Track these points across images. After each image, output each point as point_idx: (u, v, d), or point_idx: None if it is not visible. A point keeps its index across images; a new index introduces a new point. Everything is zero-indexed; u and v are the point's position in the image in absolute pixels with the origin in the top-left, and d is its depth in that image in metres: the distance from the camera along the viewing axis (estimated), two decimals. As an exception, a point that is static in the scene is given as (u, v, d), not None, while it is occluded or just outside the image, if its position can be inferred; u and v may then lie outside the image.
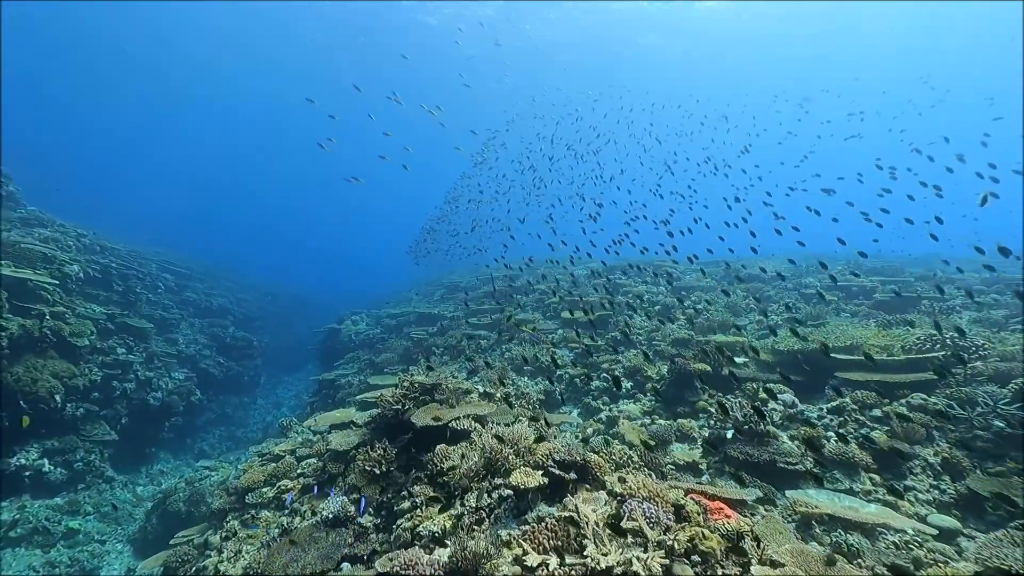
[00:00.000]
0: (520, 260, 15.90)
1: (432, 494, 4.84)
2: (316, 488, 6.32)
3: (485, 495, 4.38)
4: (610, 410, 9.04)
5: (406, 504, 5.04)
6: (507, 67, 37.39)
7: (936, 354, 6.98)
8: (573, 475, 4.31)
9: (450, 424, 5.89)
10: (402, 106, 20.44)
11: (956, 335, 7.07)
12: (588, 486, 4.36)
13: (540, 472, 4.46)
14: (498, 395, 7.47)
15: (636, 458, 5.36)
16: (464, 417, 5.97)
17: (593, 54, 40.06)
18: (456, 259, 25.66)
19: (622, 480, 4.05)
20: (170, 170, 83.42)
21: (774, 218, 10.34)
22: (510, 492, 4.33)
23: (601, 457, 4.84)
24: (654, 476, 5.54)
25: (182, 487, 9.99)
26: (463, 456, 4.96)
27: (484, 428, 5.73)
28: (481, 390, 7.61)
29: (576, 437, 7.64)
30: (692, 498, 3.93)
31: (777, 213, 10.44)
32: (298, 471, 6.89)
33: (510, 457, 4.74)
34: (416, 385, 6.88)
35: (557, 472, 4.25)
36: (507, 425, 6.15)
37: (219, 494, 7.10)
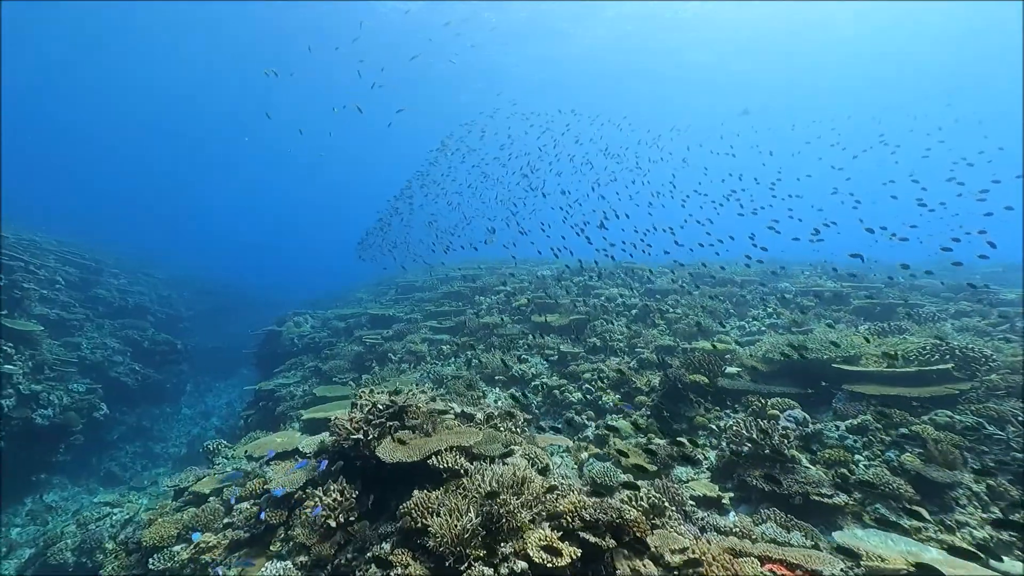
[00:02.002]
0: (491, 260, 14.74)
1: (410, 565, 3.61)
2: (248, 545, 4.87)
3: (489, 570, 3.22)
4: (596, 427, 8.11)
5: (373, 572, 3.78)
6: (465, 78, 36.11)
7: (945, 366, 6.56)
8: (611, 540, 3.25)
9: (430, 461, 4.65)
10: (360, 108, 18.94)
11: (964, 345, 6.70)
12: (627, 552, 3.32)
13: (560, 533, 3.36)
14: (479, 416, 6.29)
15: (667, 503, 4.37)
16: (447, 451, 4.75)
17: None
18: (407, 258, 24.07)
19: (681, 550, 3.04)
20: (94, 156, 74.71)
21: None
22: (525, 566, 3.19)
23: (635, 508, 3.81)
24: (680, 516, 4.61)
25: (71, 531, 7.99)
26: (452, 511, 3.76)
27: (473, 466, 4.55)
28: (457, 409, 6.39)
29: (570, 464, 6.61)
30: (771, 571, 2.99)
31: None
32: (225, 520, 5.37)
33: (518, 511, 3.60)
34: (381, 408, 5.57)
35: (592, 539, 3.17)
36: (500, 459, 5.00)
37: (114, 554, 5.42)
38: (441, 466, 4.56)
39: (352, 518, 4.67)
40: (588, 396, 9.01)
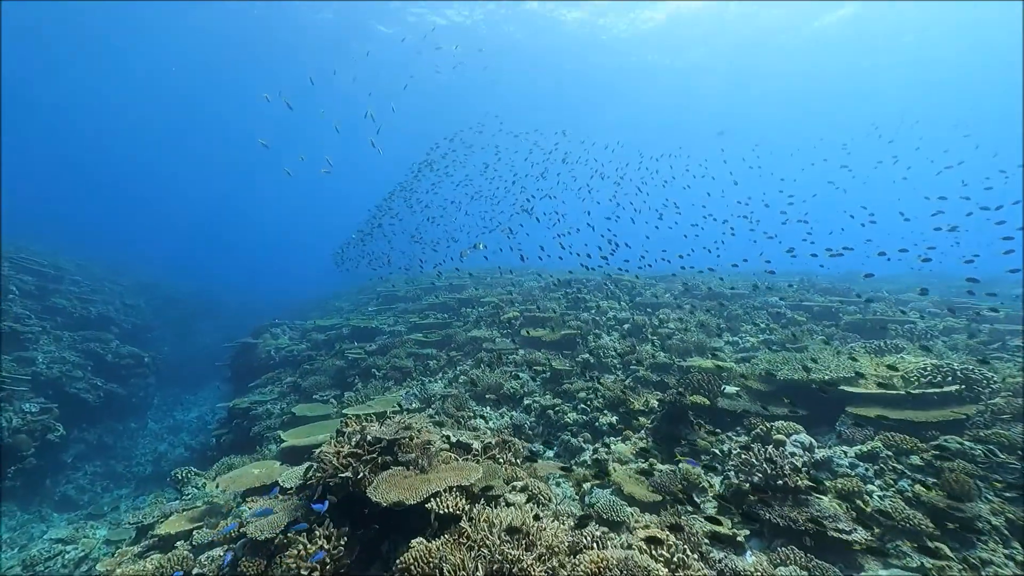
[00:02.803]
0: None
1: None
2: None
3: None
4: (595, 451, 7.78)
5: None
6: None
7: (952, 388, 6.47)
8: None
9: (428, 504, 4.23)
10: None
11: (969, 367, 6.63)
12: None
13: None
14: (476, 445, 5.88)
15: (688, 553, 4.04)
16: (447, 492, 4.34)
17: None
18: (388, 269, 23.49)
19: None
20: (61, 157, 71.47)
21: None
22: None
23: (661, 563, 3.47)
24: (697, 559, 4.30)
25: (16, 574, 7.22)
26: (457, 568, 3.36)
27: (477, 510, 4.15)
28: (453, 438, 5.97)
29: (571, 494, 6.25)
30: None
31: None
32: (195, 572, 4.81)
33: (532, 569, 3.22)
34: (371, 441, 5.12)
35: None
36: (505, 501, 4.62)
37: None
38: (441, 511, 4.14)
39: (341, 571, 4.20)
40: (584, 416, 8.69)
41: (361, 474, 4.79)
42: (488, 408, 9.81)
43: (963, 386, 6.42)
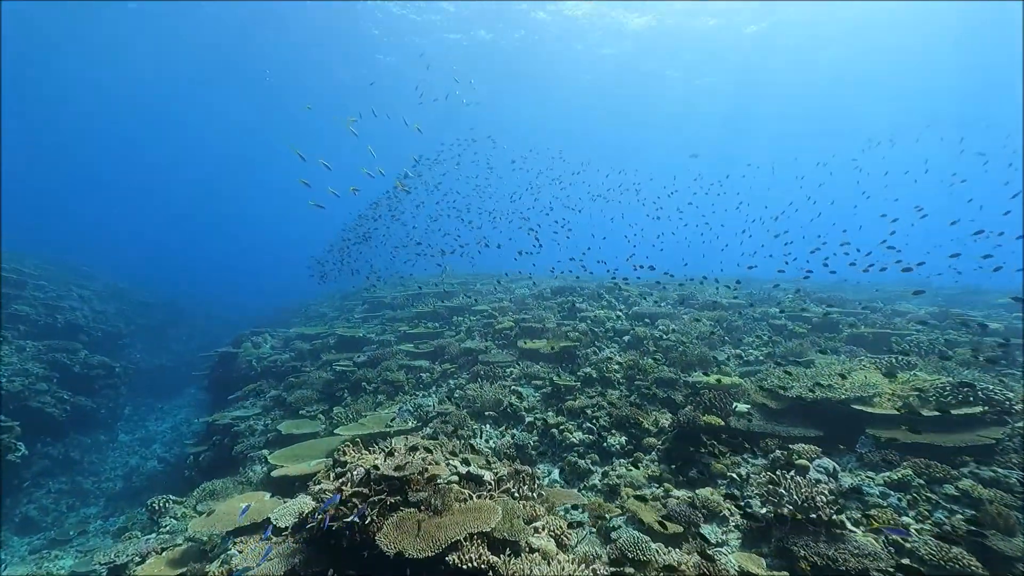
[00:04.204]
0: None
1: None
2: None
3: None
4: (605, 475, 7.41)
5: None
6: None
7: (975, 410, 6.31)
8: None
9: (448, 557, 3.79)
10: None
11: (989, 386, 6.49)
12: None
13: None
14: (488, 477, 5.44)
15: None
16: (467, 541, 3.90)
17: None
18: (373, 276, 22.84)
19: None
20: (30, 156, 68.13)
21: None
22: None
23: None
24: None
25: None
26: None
27: (503, 562, 3.72)
28: (462, 469, 5.52)
29: (590, 528, 5.85)
30: None
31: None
32: (177, 632, 4.26)
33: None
34: (377, 480, 4.65)
35: None
36: (529, 547, 4.19)
37: None
38: (463, 566, 3.70)
39: (349, 635, 3.73)
40: (590, 436, 8.33)
41: (369, 518, 4.31)
42: (488, 426, 9.38)
43: (986, 407, 6.26)
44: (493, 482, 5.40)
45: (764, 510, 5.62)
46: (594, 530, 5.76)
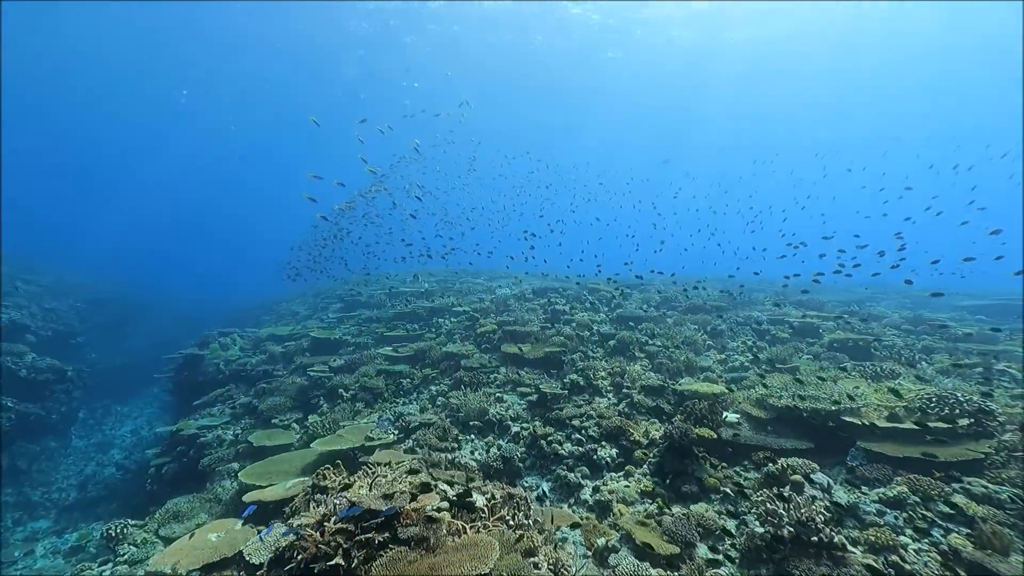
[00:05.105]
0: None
1: None
2: None
3: None
4: (596, 489, 7.20)
5: None
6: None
7: (963, 421, 6.37)
8: None
9: (445, 608, 3.47)
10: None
11: (974, 399, 6.56)
12: None
13: None
14: (480, 502, 5.13)
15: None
16: (465, 587, 3.59)
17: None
18: (349, 271, 22.05)
19: None
20: None
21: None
22: None
23: None
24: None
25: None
26: None
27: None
28: (451, 493, 5.20)
29: (584, 552, 5.63)
30: None
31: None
32: None
33: None
34: (362, 516, 4.28)
35: None
36: (532, 590, 3.91)
37: None
38: (463, 617, 3.39)
39: None
40: (579, 448, 8.12)
41: (355, 561, 3.95)
42: (473, 436, 9.06)
43: (973, 420, 6.32)
44: (486, 509, 5.10)
45: (762, 530, 5.51)
46: (589, 553, 5.54)
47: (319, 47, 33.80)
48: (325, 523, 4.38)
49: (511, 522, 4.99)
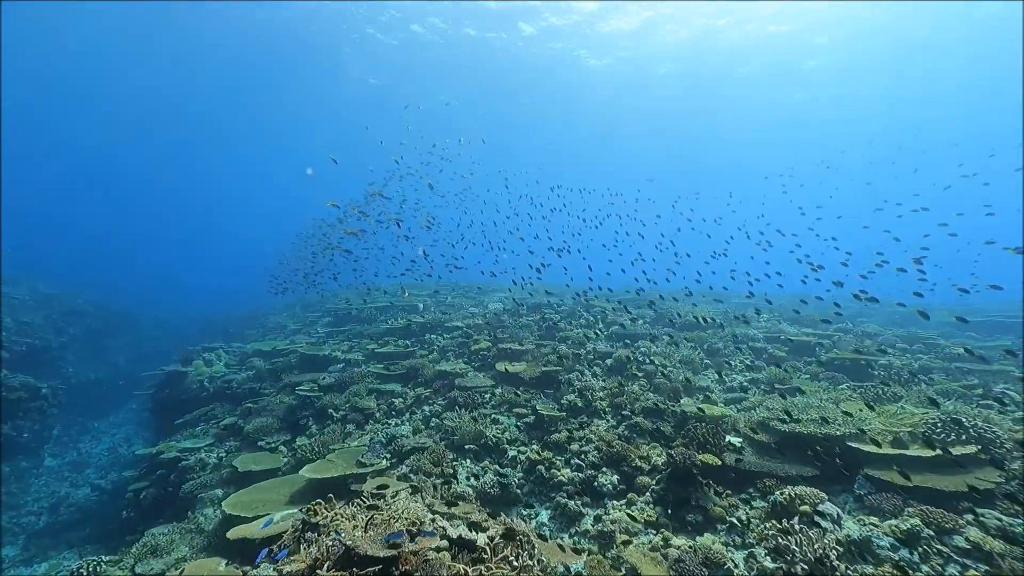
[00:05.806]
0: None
1: None
2: None
3: None
4: (598, 519, 6.96)
5: None
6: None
7: (969, 449, 6.27)
8: None
9: (450, 670, 3.20)
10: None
11: (979, 423, 6.49)
12: None
13: None
14: (482, 541, 4.87)
15: None
16: (472, 646, 3.32)
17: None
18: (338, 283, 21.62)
19: None
20: None
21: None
22: None
23: None
24: None
25: None
26: None
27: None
28: (452, 532, 4.93)
29: (591, 593, 5.37)
30: None
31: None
32: None
33: None
34: (360, 561, 4.00)
35: None
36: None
37: None
38: None
39: None
40: (579, 474, 7.88)
41: (351, 613, 3.66)
42: (469, 461, 8.77)
43: (980, 447, 6.24)
44: (488, 548, 4.83)
45: (773, 566, 5.32)
46: (596, 594, 5.29)
47: (320, 47, 33.58)
48: (318, 570, 4.08)
49: (515, 563, 4.73)
